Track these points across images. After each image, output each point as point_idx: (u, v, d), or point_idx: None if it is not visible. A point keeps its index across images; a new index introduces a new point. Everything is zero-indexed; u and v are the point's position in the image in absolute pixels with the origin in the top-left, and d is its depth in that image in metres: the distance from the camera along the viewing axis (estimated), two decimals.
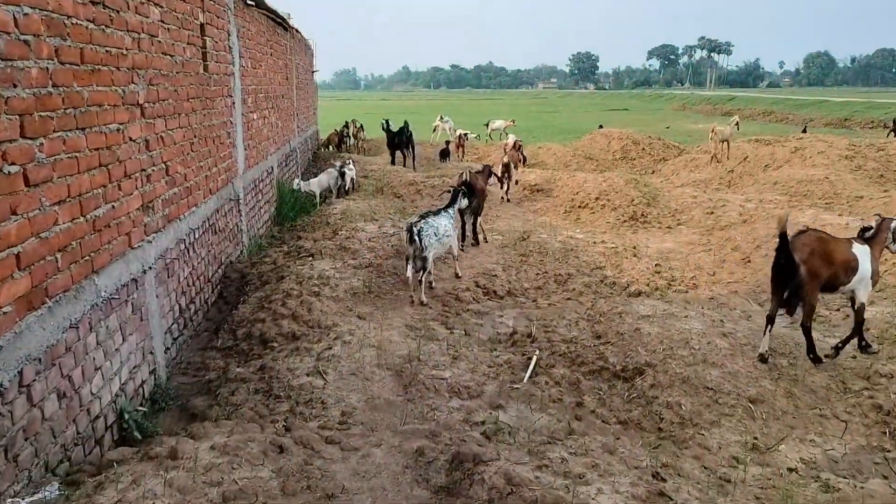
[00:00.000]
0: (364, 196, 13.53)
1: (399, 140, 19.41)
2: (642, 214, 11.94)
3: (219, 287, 8.29)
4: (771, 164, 15.95)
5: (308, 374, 5.61)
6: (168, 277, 6.41)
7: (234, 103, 9.54)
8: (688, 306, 6.21)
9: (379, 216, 10.94)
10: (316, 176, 14.58)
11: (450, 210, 8.21)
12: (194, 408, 5.58)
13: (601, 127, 26.63)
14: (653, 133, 24.73)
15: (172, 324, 6.51)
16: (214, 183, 8.30)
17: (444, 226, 7.87)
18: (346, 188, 14.41)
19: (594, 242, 9.32)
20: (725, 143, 17.85)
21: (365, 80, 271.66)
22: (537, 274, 8.26)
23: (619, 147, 20.78)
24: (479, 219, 9.86)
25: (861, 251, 5.70)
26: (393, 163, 19.71)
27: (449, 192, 8.85)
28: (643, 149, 20.79)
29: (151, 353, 5.89)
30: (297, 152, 17.20)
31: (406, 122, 20.00)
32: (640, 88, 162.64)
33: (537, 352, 5.73)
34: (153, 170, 6.05)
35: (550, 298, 7.78)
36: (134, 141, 5.59)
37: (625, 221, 11.74)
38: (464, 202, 8.92)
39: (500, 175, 13.34)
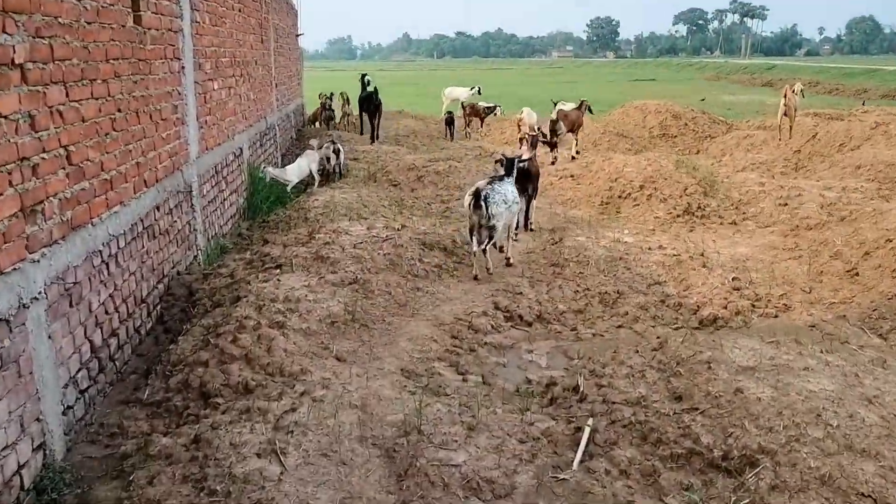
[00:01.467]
0: (353, 183, 12.13)
1: (368, 105, 18.34)
2: (699, 207, 10.52)
3: (158, 308, 6.92)
4: (846, 143, 14.49)
5: (259, 455, 4.23)
6: (71, 307, 5.02)
7: (183, 68, 8.14)
8: (803, 350, 4.78)
9: (369, 212, 9.57)
10: (298, 159, 13.14)
11: (510, 179, 8.15)
12: (96, 502, 4.23)
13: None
14: (687, 105, 23.28)
15: (79, 371, 5.13)
16: (152, 172, 6.91)
17: (513, 192, 7.90)
18: (336, 171, 13.00)
19: (648, 248, 7.89)
20: (787, 116, 16.34)
21: (361, 50, 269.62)
22: (576, 292, 6.87)
23: (657, 122, 19.30)
24: (534, 202, 9.67)
25: None
26: (361, 131, 18.42)
27: (501, 162, 8.65)
28: (685, 124, 19.31)
29: (39, 419, 4.50)
30: (275, 130, 15.79)
31: (375, 88, 18.60)
32: (666, 57, 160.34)
33: (590, 420, 4.34)
34: (43, 158, 4.65)
35: (596, 326, 6.39)
36: (5, 118, 4.19)
37: (678, 216, 10.34)
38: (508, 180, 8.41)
39: (550, 139, 13.81)
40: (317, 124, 22.01)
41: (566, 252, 7.71)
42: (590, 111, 16.77)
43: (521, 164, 8.75)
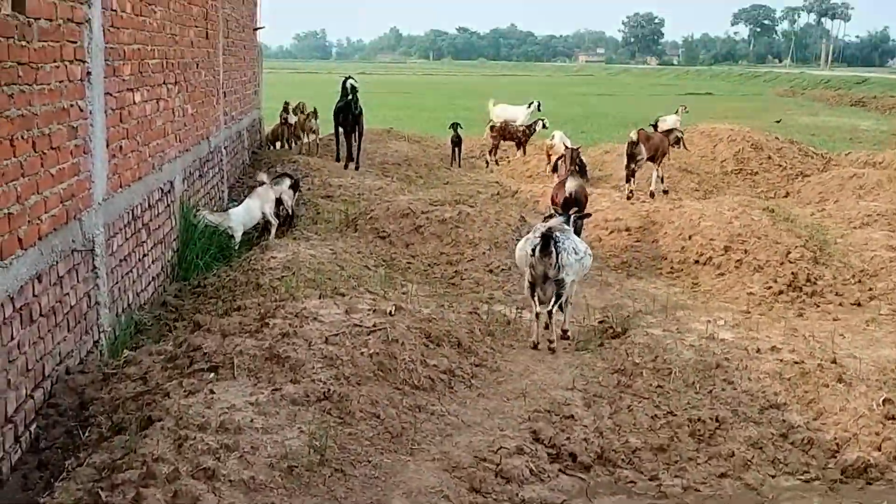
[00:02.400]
0: (325, 232, 11.25)
1: (346, 115, 17.48)
2: (808, 279, 9.63)
3: (34, 428, 5.96)
4: None
5: None
6: None
7: (88, 74, 7.31)
8: None
9: (347, 277, 8.69)
10: (246, 200, 12.27)
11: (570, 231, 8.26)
12: None
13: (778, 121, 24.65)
14: (761, 129, 22.51)
15: None
16: (32, 225, 6.01)
17: (583, 245, 8.08)
18: (286, 215, 12.15)
19: (757, 350, 6.91)
20: None
21: (338, 47, 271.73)
22: (654, 417, 5.89)
23: (731, 154, 18.51)
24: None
25: None
26: (338, 157, 17.71)
27: (553, 215, 8.83)
28: (768, 157, 18.51)
29: None
30: (221, 154, 14.98)
31: (354, 89, 17.68)
32: (724, 65, 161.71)
33: None
34: None
35: (687, 475, 5.42)
36: None
37: (780, 293, 9.44)
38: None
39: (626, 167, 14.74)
40: (278, 145, 21.22)
41: (635, 351, 6.74)
42: (680, 143, 16.26)
43: (579, 218, 9.16)
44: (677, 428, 5.82)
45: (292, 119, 20.13)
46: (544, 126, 19.90)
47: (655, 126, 29.98)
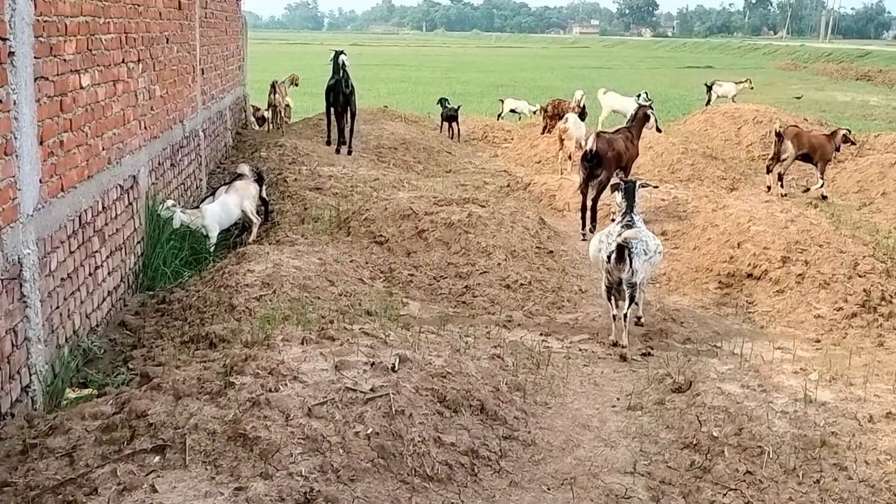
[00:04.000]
0: (313, 234, 9.70)
1: (336, 95, 15.83)
2: (884, 298, 8.12)
3: None
4: None
5: None
6: None
7: (10, 55, 5.76)
8: None
9: (338, 302, 7.18)
10: (223, 195, 10.70)
11: (636, 214, 8.11)
12: None
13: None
14: (773, 104, 20.93)
15: None
16: None
17: (653, 239, 8.03)
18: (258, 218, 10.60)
19: (869, 419, 5.32)
20: None
21: (329, 18, 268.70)
22: None
23: (758, 138, 16.90)
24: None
25: None
26: (328, 140, 15.96)
27: (618, 188, 8.39)
28: None
29: None
30: (199, 138, 13.39)
31: (343, 64, 16.09)
32: (718, 36, 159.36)
33: None
34: None
35: None
36: None
37: (852, 315, 7.93)
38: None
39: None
40: (267, 124, 19.58)
41: (710, 419, 5.18)
42: (848, 141, 14.59)
43: (647, 188, 8.79)
44: None
45: (277, 99, 18.61)
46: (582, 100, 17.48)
47: (710, 88, 28.59)
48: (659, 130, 12.92)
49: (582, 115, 16.01)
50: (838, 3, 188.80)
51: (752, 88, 25.55)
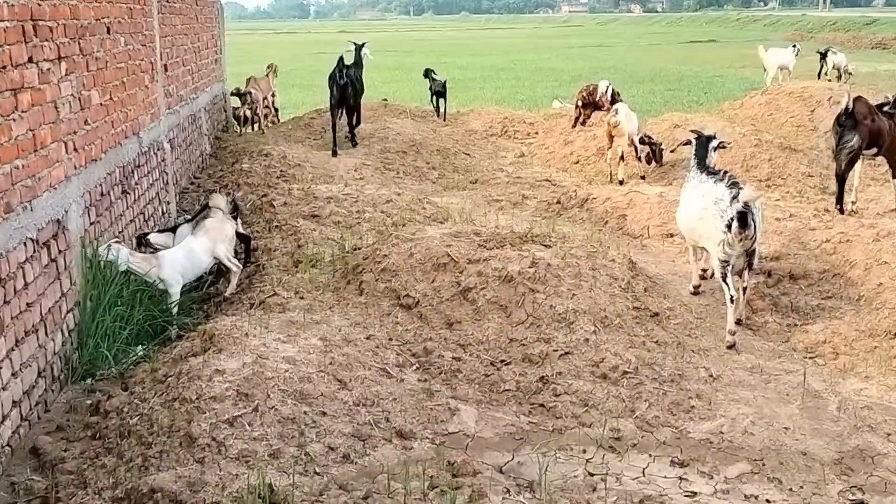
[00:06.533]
0: (310, 291, 6.96)
1: (341, 89, 13.94)
2: None
3: None
4: None
5: None
6: None
7: None
8: None
9: (352, 421, 4.63)
10: (188, 235, 8.00)
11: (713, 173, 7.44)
12: None
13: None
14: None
15: None
16: None
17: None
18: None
19: None
20: None
21: (316, 6, 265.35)
22: None
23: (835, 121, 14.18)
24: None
25: None
26: (334, 143, 13.62)
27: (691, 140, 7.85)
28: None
29: None
30: (164, 150, 10.66)
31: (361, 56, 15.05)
32: (708, 10, 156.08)
33: None
34: None
35: None
36: None
37: None
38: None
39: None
40: (254, 126, 16.80)
41: None
42: None
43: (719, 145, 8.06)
44: None
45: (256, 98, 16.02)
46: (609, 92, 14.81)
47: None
48: None
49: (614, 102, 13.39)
50: None
51: (798, 53, 23.25)
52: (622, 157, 11.58)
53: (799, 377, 5.84)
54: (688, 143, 7.89)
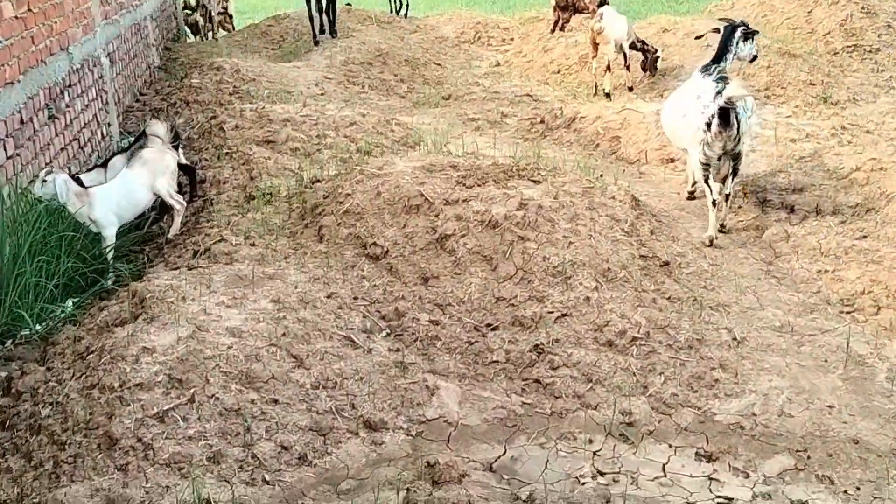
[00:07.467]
0: (262, 236, 6.01)
1: None
2: None
3: None
4: None
5: None
6: None
7: None
8: None
9: (313, 435, 3.80)
10: (124, 168, 6.96)
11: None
12: None
13: None
14: None
15: None
16: None
17: (750, 99, 6.86)
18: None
19: None
20: None
21: None
22: None
23: (837, 24, 12.56)
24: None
25: None
26: (315, 40, 13.03)
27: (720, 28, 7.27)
28: (887, 26, 12.89)
29: None
30: (101, 67, 9.53)
31: None
32: None
33: None
34: None
35: None
36: None
37: None
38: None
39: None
40: (207, 35, 15.49)
41: None
42: None
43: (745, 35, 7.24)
44: None
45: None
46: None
47: None
48: None
49: (602, 4, 12.18)
50: None
51: None
52: (608, 67, 10.48)
53: (837, 338, 4.96)
54: (716, 31, 7.38)
